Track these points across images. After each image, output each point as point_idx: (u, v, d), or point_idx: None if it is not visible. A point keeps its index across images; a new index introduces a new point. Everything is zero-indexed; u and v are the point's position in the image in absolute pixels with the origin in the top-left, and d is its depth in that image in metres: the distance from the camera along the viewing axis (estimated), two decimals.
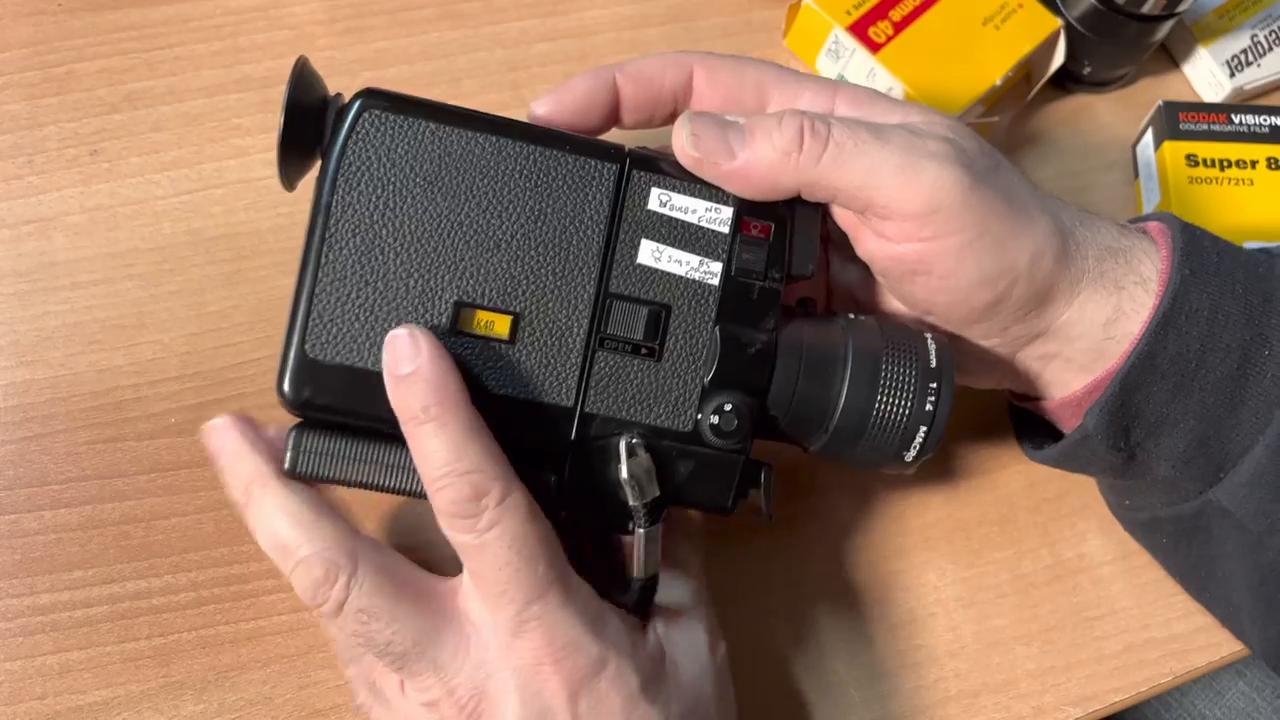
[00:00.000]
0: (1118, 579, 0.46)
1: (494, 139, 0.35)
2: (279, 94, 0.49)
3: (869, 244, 0.36)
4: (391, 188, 0.34)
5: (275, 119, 0.49)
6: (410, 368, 0.32)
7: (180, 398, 0.44)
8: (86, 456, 0.42)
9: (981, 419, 0.48)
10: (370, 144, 0.34)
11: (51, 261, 0.45)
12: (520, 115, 0.51)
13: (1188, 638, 0.45)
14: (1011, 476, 0.47)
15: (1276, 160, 0.51)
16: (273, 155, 0.49)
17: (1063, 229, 0.36)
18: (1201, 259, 0.37)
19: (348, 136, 0.34)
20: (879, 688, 0.43)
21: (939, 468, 0.47)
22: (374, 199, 0.34)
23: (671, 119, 0.38)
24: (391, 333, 0.32)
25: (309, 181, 0.36)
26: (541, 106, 0.38)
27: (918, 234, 0.35)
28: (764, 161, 0.34)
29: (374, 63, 0.51)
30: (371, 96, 0.34)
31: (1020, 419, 0.44)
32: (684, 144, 0.35)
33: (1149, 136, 0.54)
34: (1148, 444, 0.38)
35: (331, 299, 0.33)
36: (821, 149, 0.34)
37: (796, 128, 0.34)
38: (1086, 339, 0.37)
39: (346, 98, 0.35)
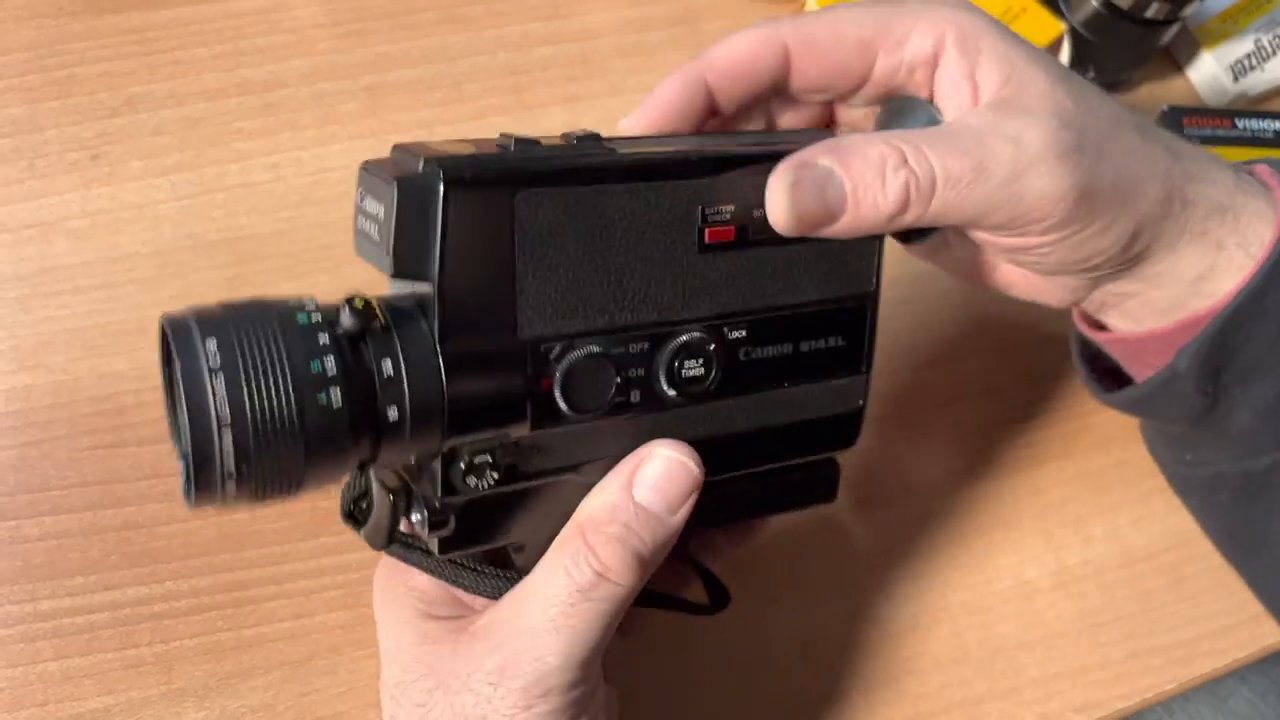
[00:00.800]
0: (1122, 585, 0.46)
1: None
2: (279, 98, 0.50)
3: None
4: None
5: (276, 121, 0.49)
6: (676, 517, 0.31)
7: None
8: (87, 462, 0.42)
9: (984, 427, 0.48)
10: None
11: (53, 266, 0.45)
12: (521, 117, 0.51)
13: (1192, 644, 0.45)
14: (1016, 482, 0.47)
15: None
16: (273, 159, 0.49)
17: (1171, 190, 0.34)
18: None
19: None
20: (883, 694, 0.42)
21: (941, 475, 0.47)
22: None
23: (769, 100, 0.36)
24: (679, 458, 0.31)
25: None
26: (633, 121, 0.35)
27: (1015, 235, 0.33)
28: (867, 222, 0.32)
29: (375, 66, 0.51)
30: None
31: (1087, 354, 0.42)
32: (781, 213, 0.32)
33: None
34: (1234, 390, 0.36)
35: None
36: (926, 204, 0.32)
37: (902, 188, 0.31)
38: (1172, 289, 0.36)
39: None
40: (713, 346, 0.32)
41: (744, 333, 0.33)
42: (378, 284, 0.33)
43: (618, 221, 0.30)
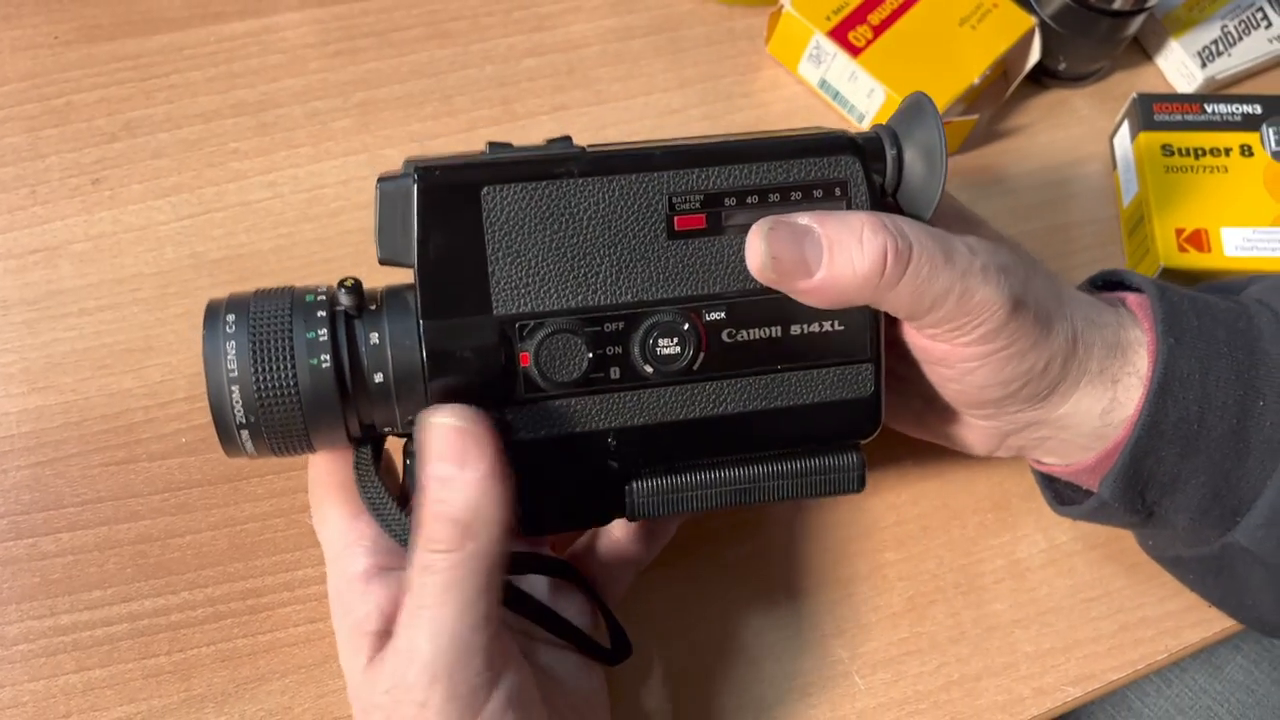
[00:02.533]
0: (1111, 560, 0.47)
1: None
2: (273, 117, 0.51)
3: (902, 328, 0.37)
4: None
5: (271, 141, 0.50)
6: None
7: (190, 417, 0.44)
8: (100, 479, 0.43)
9: None
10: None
11: (59, 289, 0.46)
12: (510, 128, 0.53)
13: (1181, 615, 0.46)
14: (1004, 464, 0.48)
15: (1249, 147, 0.52)
16: (270, 177, 0.50)
17: (1074, 334, 0.37)
18: (1183, 325, 0.38)
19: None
20: (882, 675, 0.44)
21: (933, 459, 0.48)
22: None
23: None
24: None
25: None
26: None
27: (950, 338, 0.36)
28: (840, 283, 0.33)
29: (366, 83, 0.53)
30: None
31: (1040, 474, 0.45)
32: (761, 263, 0.33)
33: (1125, 128, 0.55)
34: (1164, 502, 0.39)
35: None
36: (901, 274, 0.33)
37: (880, 251, 0.33)
38: (1081, 427, 0.38)
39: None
40: (687, 326, 0.34)
41: (723, 314, 0.35)
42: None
43: (584, 211, 0.33)
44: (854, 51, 0.52)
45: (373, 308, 0.33)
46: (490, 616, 0.31)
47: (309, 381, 0.32)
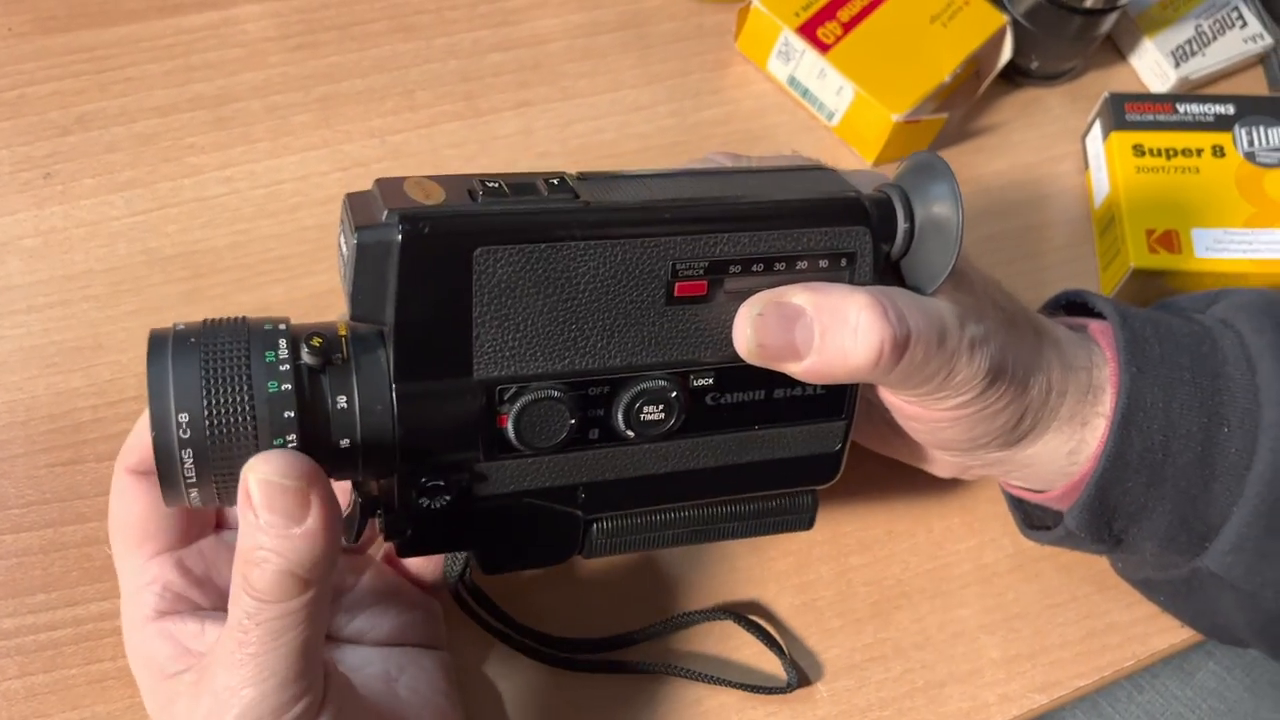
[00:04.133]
0: (1079, 565, 0.46)
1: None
2: (231, 111, 0.50)
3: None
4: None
5: (228, 136, 0.49)
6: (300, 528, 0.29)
7: (140, 418, 0.43)
8: (46, 480, 0.42)
9: None
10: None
11: (6, 286, 0.45)
12: (474, 124, 0.52)
13: (1149, 621, 0.45)
14: None
15: (1221, 148, 0.52)
16: (227, 172, 0.49)
17: (1052, 382, 0.37)
18: (1145, 353, 0.37)
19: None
20: (846, 681, 0.43)
21: (898, 462, 0.47)
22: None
23: None
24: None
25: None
26: None
27: (925, 405, 0.35)
28: (830, 370, 0.32)
29: (327, 77, 0.52)
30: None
31: (1011, 497, 0.44)
32: (747, 345, 0.32)
33: (1097, 128, 0.54)
34: (1131, 530, 0.39)
35: None
36: (895, 365, 0.32)
37: (876, 344, 0.31)
38: (1046, 466, 0.38)
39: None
40: (675, 394, 0.33)
41: (710, 380, 0.33)
42: (333, 294, 0.34)
43: (581, 275, 0.30)
44: (823, 48, 0.51)
45: (338, 359, 0.29)
46: (316, 656, 0.30)
47: (268, 441, 0.29)
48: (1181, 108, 0.53)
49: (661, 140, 0.52)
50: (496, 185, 0.29)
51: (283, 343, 0.29)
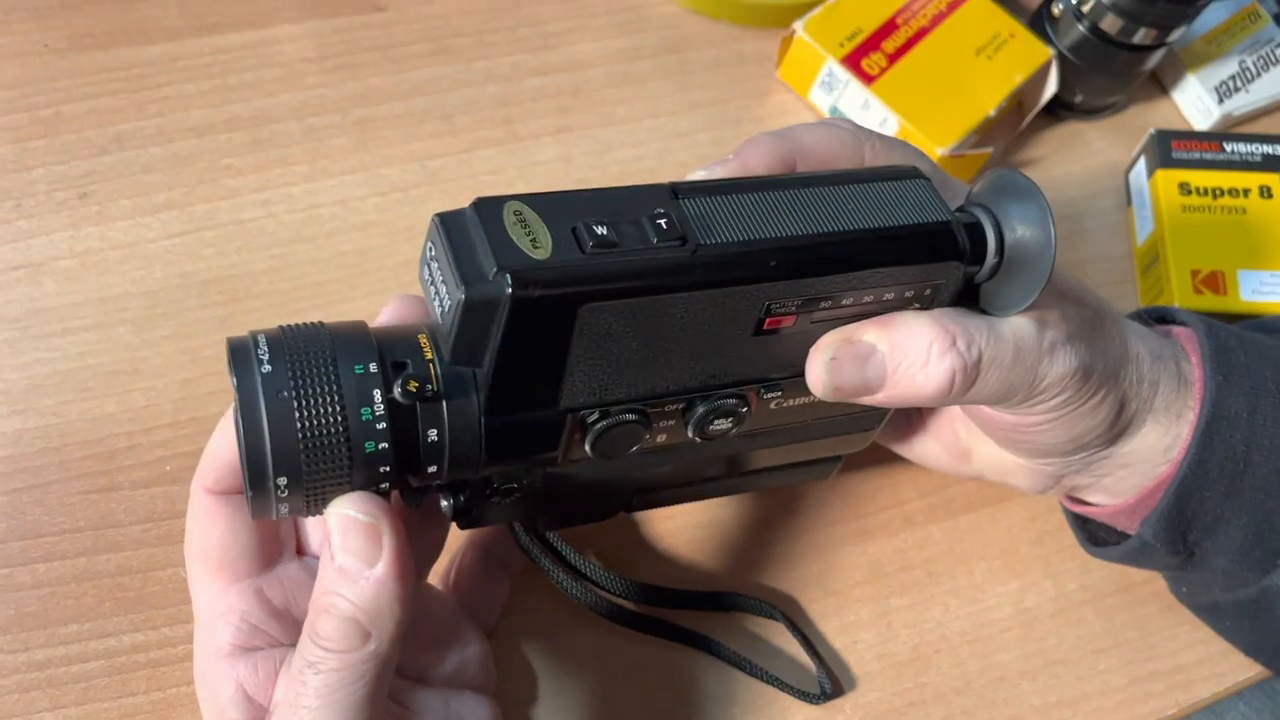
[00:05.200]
0: (1121, 610, 0.46)
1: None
2: (268, 133, 0.50)
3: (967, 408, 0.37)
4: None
5: (265, 158, 0.49)
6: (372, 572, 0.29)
7: (175, 445, 0.43)
8: (80, 507, 0.41)
9: None
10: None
11: (42, 307, 0.45)
12: (513, 150, 0.51)
13: (1192, 668, 0.45)
14: (1012, 509, 0.47)
15: (1269, 189, 0.51)
16: (264, 195, 0.49)
17: (1142, 372, 0.37)
18: (1231, 361, 0.37)
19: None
20: None
21: (940, 502, 0.47)
22: None
23: None
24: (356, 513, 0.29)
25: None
26: (716, 170, 0.34)
27: (1019, 413, 0.35)
28: (904, 400, 0.33)
29: (365, 100, 0.51)
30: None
31: (1075, 515, 0.44)
32: (818, 380, 0.33)
33: (1141, 164, 0.54)
34: (1205, 543, 0.39)
35: None
36: (967, 390, 0.32)
37: (948, 374, 0.32)
38: (1145, 462, 0.38)
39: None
40: (745, 409, 0.34)
41: (780, 392, 0.34)
42: (370, 320, 0.33)
43: (679, 317, 0.30)
44: (867, 80, 0.51)
45: (429, 391, 0.29)
46: (375, 717, 0.29)
47: (364, 466, 0.29)
48: (1229, 147, 0.52)
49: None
50: (604, 233, 0.28)
51: (373, 366, 0.29)
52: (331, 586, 0.29)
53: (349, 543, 0.29)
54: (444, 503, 0.33)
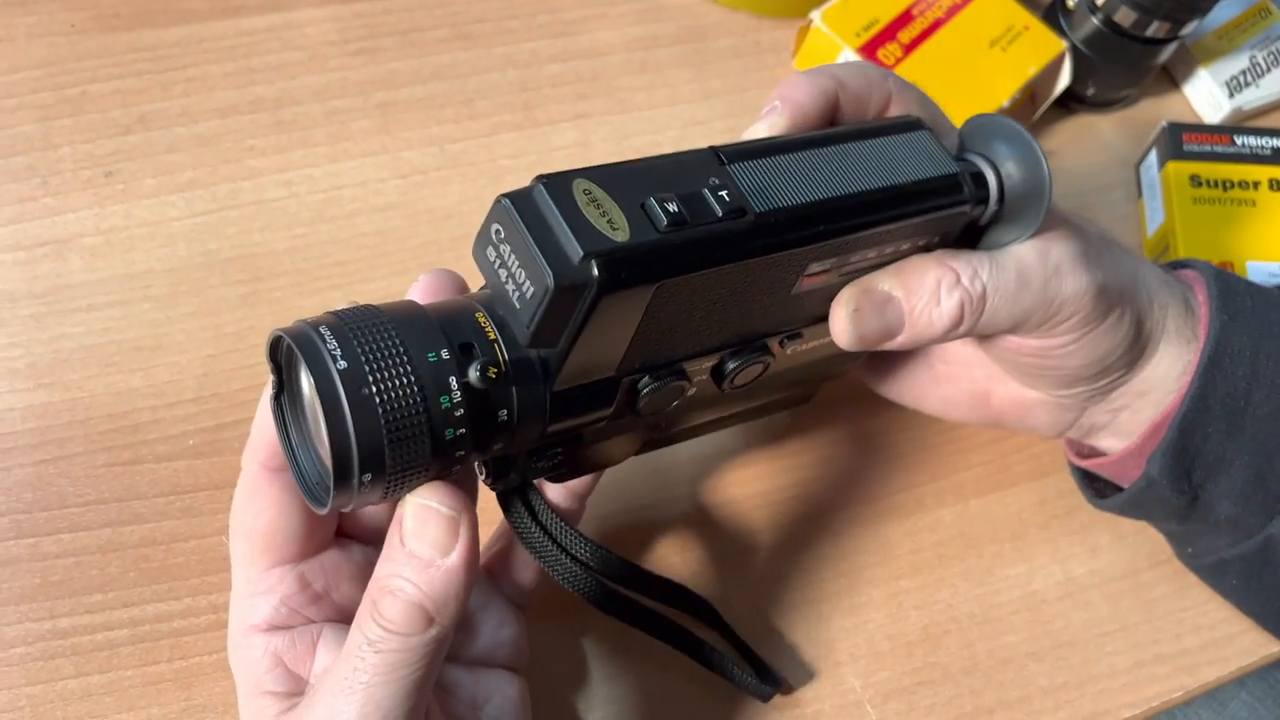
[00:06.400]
0: (1128, 594, 0.46)
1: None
2: (291, 115, 0.50)
3: (985, 343, 0.38)
4: None
5: (288, 139, 0.50)
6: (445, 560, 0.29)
7: (198, 419, 0.44)
8: (105, 479, 0.42)
9: (991, 436, 0.48)
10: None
11: (68, 284, 0.45)
12: (532, 134, 0.52)
13: (1197, 652, 0.45)
14: (1022, 493, 0.47)
15: (1278, 182, 0.52)
16: (286, 175, 0.49)
17: (1151, 293, 0.38)
18: (1237, 303, 0.39)
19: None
20: (894, 705, 0.43)
21: (950, 486, 0.47)
22: None
23: None
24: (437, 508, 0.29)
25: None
26: (770, 117, 0.35)
27: (1042, 336, 0.36)
28: (922, 338, 0.35)
29: (387, 83, 0.52)
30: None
31: (1080, 471, 0.45)
32: (844, 332, 0.35)
33: (1153, 157, 0.54)
34: (1208, 484, 0.39)
35: None
36: (977, 320, 0.35)
37: (957, 307, 0.34)
38: (1159, 390, 0.39)
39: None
40: (771, 359, 0.35)
41: (800, 340, 0.36)
42: (382, 301, 0.34)
43: (732, 285, 0.31)
44: None
45: (495, 373, 0.29)
46: (424, 699, 0.30)
47: (445, 450, 0.29)
48: (1240, 140, 0.53)
49: None
50: (675, 209, 0.28)
51: (445, 353, 0.28)
52: (400, 570, 0.29)
53: (426, 531, 0.29)
54: (481, 475, 0.34)
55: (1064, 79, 0.54)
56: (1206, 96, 0.58)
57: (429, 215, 0.49)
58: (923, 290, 0.34)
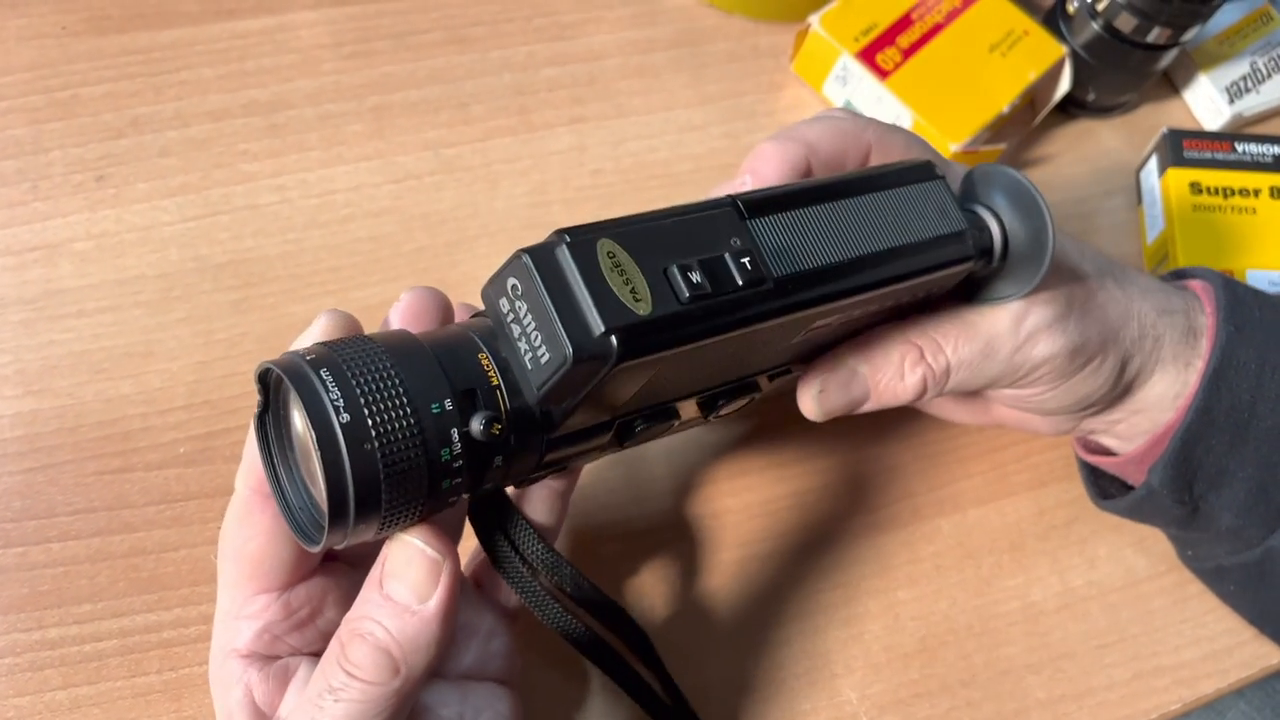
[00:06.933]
0: (1127, 606, 0.46)
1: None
2: (284, 119, 0.50)
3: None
4: None
5: (282, 143, 0.49)
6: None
7: (189, 427, 0.43)
8: (94, 488, 0.42)
9: (990, 446, 0.48)
10: None
11: (58, 289, 0.45)
12: (527, 139, 0.51)
13: (1196, 664, 0.45)
14: (1020, 503, 0.47)
15: (1279, 189, 0.51)
16: (279, 180, 0.49)
17: (1145, 328, 0.38)
18: (1245, 315, 0.38)
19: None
20: (891, 717, 0.42)
21: (948, 496, 0.47)
22: None
23: None
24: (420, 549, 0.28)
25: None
26: (745, 180, 0.35)
27: (1018, 389, 0.38)
28: (889, 405, 0.37)
29: (381, 87, 0.51)
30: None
31: (1087, 466, 0.45)
32: (811, 411, 0.36)
33: (1153, 163, 0.54)
34: (1210, 496, 0.39)
35: None
36: (941, 390, 0.36)
37: (919, 382, 0.36)
38: (1154, 410, 0.39)
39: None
40: (757, 393, 0.35)
41: (789, 374, 0.36)
42: (384, 307, 0.33)
43: (739, 341, 0.30)
44: (882, 74, 0.51)
45: (498, 429, 0.28)
46: None
47: (440, 497, 0.28)
48: (1240, 147, 0.52)
49: (714, 161, 0.52)
50: (698, 280, 0.28)
51: (449, 404, 0.27)
52: (372, 613, 0.28)
53: (406, 574, 0.28)
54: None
55: (1064, 84, 0.53)
56: (1207, 102, 0.57)
57: (423, 220, 0.49)
58: (888, 366, 0.36)
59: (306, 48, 0.52)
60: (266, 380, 0.29)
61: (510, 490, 0.36)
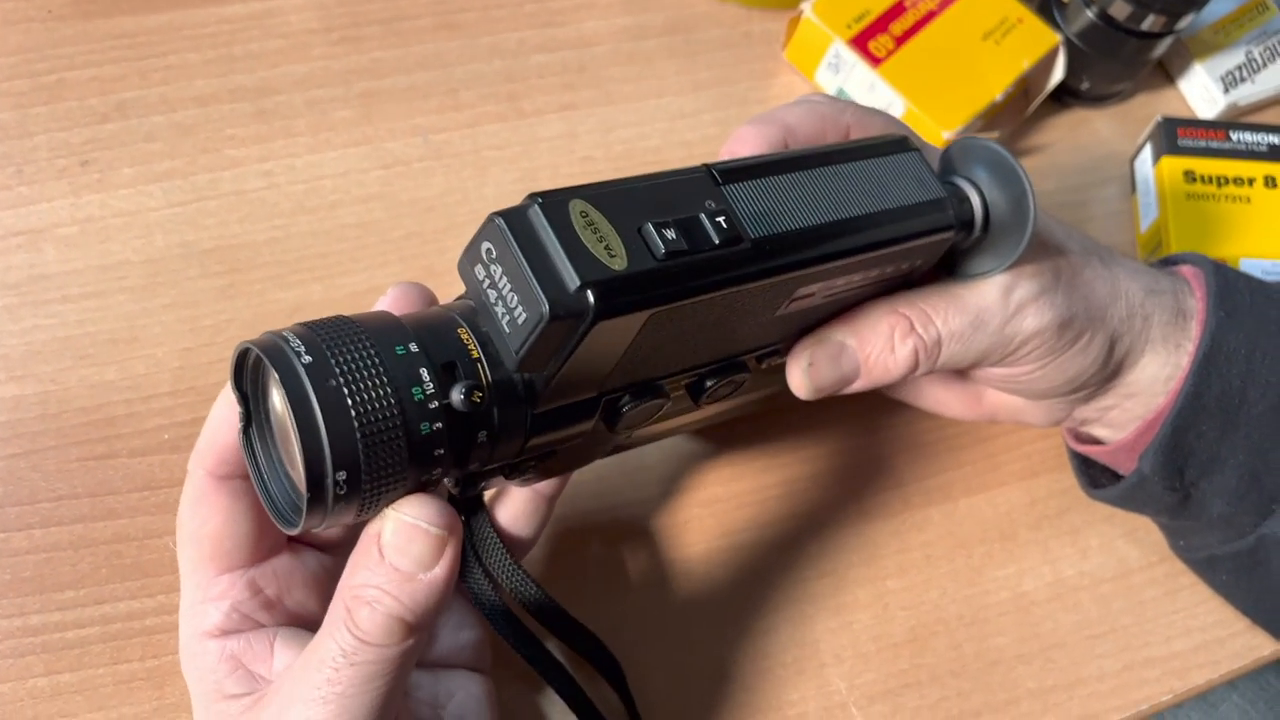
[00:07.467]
0: (1118, 596, 0.46)
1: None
2: (272, 104, 0.50)
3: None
4: None
5: (268, 129, 0.49)
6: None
7: (173, 413, 0.43)
8: (77, 474, 0.41)
9: (981, 435, 0.48)
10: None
11: (42, 274, 0.44)
12: (517, 126, 0.51)
13: (1187, 655, 0.45)
14: (1012, 493, 0.47)
15: (1274, 179, 0.51)
16: (266, 166, 0.48)
17: (1133, 307, 0.38)
18: (1235, 300, 0.38)
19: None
20: (880, 707, 0.42)
21: (938, 485, 0.47)
22: None
23: None
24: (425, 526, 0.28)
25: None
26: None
27: (1005, 367, 0.37)
28: (880, 382, 0.36)
29: (370, 73, 0.51)
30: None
31: (1078, 456, 0.45)
32: (800, 386, 0.36)
33: (1147, 152, 0.54)
34: (1201, 483, 0.39)
35: None
36: (934, 363, 0.36)
37: (910, 354, 0.35)
38: (1146, 394, 0.39)
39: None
40: (747, 376, 0.35)
41: (775, 353, 0.36)
42: (373, 293, 0.33)
43: (722, 308, 0.30)
44: (874, 61, 0.51)
45: (479, 397, 0.28)
46: (396, 706, 0.29)
47: (422, 473, 0.28)
48: (1235, 136, 0.52)
49: (706, 149, 0.52)
50: (673, 237, 0.27)
51: (425, 374, 0.27)
52: (376, 581, 0.28)
53: (411, 548, 0.28)
54: (448, 480, 0.32)
55: (1058, 73, 0.53)
56: (1202, 92, 0.57)
57: (412, 207, 0.48)
58: (876, 339, 0.35)
59: (295, 33, 0.51)
60: (242, 381, 0.28)
61: (497, 492, 0.36)
